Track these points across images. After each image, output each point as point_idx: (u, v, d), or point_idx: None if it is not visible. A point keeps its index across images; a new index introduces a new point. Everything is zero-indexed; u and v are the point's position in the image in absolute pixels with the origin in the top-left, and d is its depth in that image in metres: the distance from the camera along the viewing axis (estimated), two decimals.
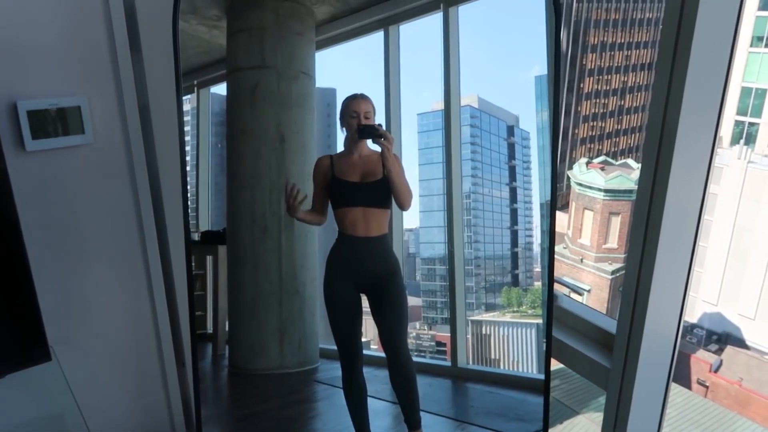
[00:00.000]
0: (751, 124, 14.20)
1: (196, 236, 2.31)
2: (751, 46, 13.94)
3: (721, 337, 12.63)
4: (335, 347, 1.81)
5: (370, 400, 1.82)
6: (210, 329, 2.27)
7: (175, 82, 1.55)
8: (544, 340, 2.04)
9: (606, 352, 1.85)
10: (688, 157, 1.46)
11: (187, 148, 2.38)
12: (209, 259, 2.26)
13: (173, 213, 1.74)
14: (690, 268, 1.57)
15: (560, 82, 1.54)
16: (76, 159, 1.74)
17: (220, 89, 2.23)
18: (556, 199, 1.57)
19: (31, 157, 1.67)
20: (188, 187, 2.36)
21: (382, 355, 1.75)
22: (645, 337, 1.55)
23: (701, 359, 11.76)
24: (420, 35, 2.18)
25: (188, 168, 2.38)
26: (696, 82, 1.40)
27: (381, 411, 1.91)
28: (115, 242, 1.79)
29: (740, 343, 12.34)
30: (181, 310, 1.81)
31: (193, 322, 1.61)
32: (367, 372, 1.83)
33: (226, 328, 2.19)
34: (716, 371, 11.62)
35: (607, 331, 1.91)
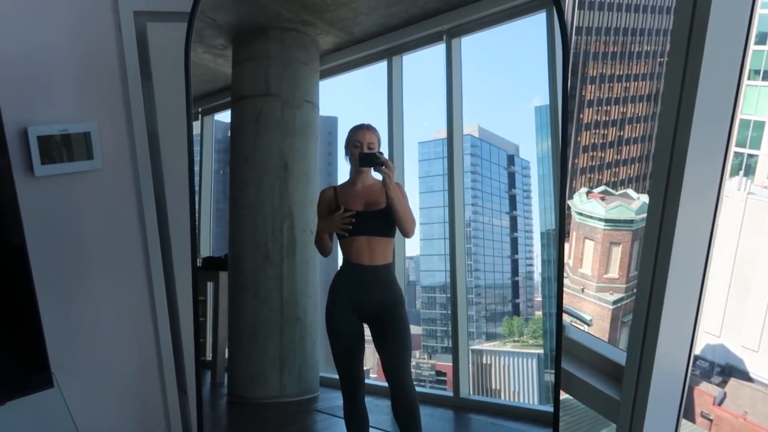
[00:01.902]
0: (750, 155, 14.31)
1: (198, 262, 2.31)
2: (748, 79, 14.14)
3: (725, 370, 12.48)
4: (336, 376, 1.80)
5: (371, 431, 1.80)
6: (209, 356, 2.25)
7: (186, 110, 1.57)
8: (547, 371, 2.01)
9: (614, 383, 1.83)
10: (697, 188, 1.47)
11: None
12: (210, 285, 2.26)
13: (179, 240, 1.75)
14: (700, 299, 1.56)
15: (567, 111, 1.56)
16: (85, 184, 1.75)
17: (223, 116, 2.26)
18: (564, 228, 1.57)
19: (39, 183, 1.68)
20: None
21: (384, 384, 1.73)
22: (655, 369, 1.54)
23: (705, 392, 11.61)
24: (423, 65, 2.21)
25: None
26: (704, 111, 1.41)
27: None
28: (120, 269, 1.79)
29: (744, 375, 12.20)
30: (185, 338, 1.80)
31: (197, 350, 1.60)
32: (368, 402, 1.81)
33: (226, 356, 2.16)
34: (720, 404, 11.46)
35: (615, 362, 1.90)
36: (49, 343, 1.45)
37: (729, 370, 12.38)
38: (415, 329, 2.27)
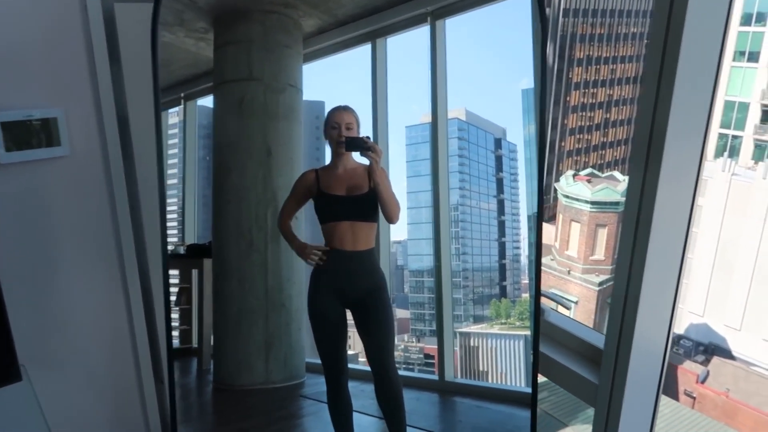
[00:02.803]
0: (734, 136, 14.43)
1: (181, 249, 2.29)
2: (733, 60, 14.21)
3: (708, 348, 12.71)
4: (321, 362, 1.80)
5: (355, 415, 1.81)
6: (195, 344, 2.24)
7: (153, 94, 1.53)
8: (532, 352, 2.02)
9: (593, 367, 1.84)
10: (676, 168, 1.47)
11: (174, 161, 2.36)
12: (195, 272, 2.24)
13: (152, 226, 1.71)
14: (678, 280, 1.57)
15: (547, 94, 1.55)
16: (53, 171, 1.70)
17: (207, 102, 2.22)
18: (543, 213, 1.57)
19: (5, 170, 1.64)
20: (175, 200, 2.35)
21: (368, 369, 1.73)
22: (633, 352, 1.55)
23: (688, 370, 11.82)
24: (408, 48, 2.19)
25: (175, 181, 2.35)
26: (683, 94, 1.41)
27: (367, 426, 1.89)
28: (92, 256, 1.75)
29: (726, 353, 12.43)
30: (160, 326, 1.78)
31: (169, 337, 1.58)
32: (353, 386, 1.81)
33: (212, 343, 2.16)
34: (703, 382, 11.68)
35: (595, 346, 1.91)
36: (19, 336, 1.41)
37: (712, 349, 12.61)
38: (403, 313, 2.28)
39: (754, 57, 14.37)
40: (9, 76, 1.64)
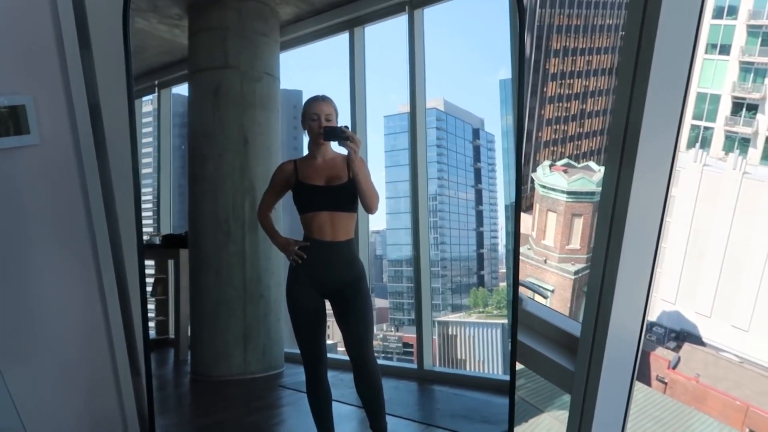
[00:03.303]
0: (706, 128, 14.71)
1: (157, 240, 2.26)
2: (705, 53, 14.45)
3: (679, 335, 13.01)
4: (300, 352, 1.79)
5: (335, 405, 1.81)
6: (172, 334, 2.22)
7: (126, 80, 1.50)
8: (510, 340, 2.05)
9: (569, 354, 1.87)
10: (651, 159, 1.49)
11: (149, 149, 2.32)
12: (171, 263, 2.21)
13: (126, 216, 1.68)
14: (653, 269, 1.60)
15: (524, 85, 1.56)
16: (22, 161, 1.65)
17: (182, 90, 2.19)
18: (521, 202, 1.58)
19: None
20: (149, 190, 2.31)
21: (347, 358, 1.73)
22: (609, 339, 1.58)
23: (660, 356, 12.10)
24: (385, 37, 2.18)
25: (150, 170, 2.32)
26: (658, 86, 1.43)
27: (346, 415, 1.89)
28: (64, 247, 1.71)
29: (697, 340, 12.74)
30: (136, 317, 1.75)
31: (146, 328, 1.56)
32: (332, 376, 1.81)
33: (189, 334, 2.14)
34: (674, 368, 11.97)
35: (571, 334, 1.94)
36: None
37: (683, 336, 12.92)
38: (382, 302, 2.28)
39: (725, 50, 14.64)
40: None
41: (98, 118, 1.70)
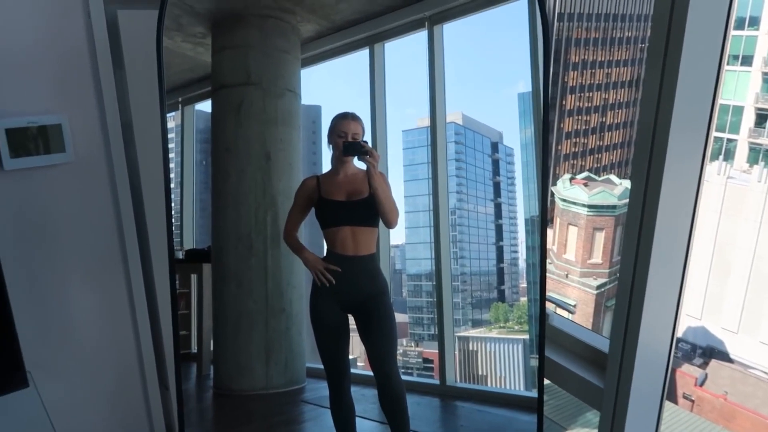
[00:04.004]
0: (729, 140, 14.50)
1: (180, 254, 2.28)
2: (727, 64, 14.29)
3: (706, 351, 12.73)
4: (322, 366, 1.79)
5: (358, 420, 1.80)
6: (194, 349, 2.23)
7: (159, 100, 1.53)
8: (532, 356, 2.02)
9: (597, 370, 1.85)
10: (679, 172, 1.47)
11: (171, 165, 2.36)
12: (194, 277, 2.23)
13: (157, 232, 1.72)
14: (682, 284, 1.57)
15: (548, 97, 1.55)
16: (57, 178, 1.71)
17: (205, 106, 2.22)
18: (546, 216, 1.57)
19: (9, 176, 1.64)
20: (173, 205, 2.34)
21: (370, 373, 1.73)
22: (638, 355, 1.55)
23: (686, 373, 11.84)
24: (405, 53, 2.19)
25: (173, 185, 2.35)
26: (685, 98, 1.41)
27: (369, 431, 1.88)
28: (96, 263, 1.75)
29: (724, 356, 12.45)
30: (165, 332, 1.78)
31: (177, 344, 1.57)
32: (355, 391, 1.80)
33: (211, 348, 2.15)
34: (701, 385, 11.69)
35: (598, 349, 1.91)
36: (24, 342, 1.42)
37: (710, 352, 12.63)
38: (401, 317, 2.27)
39: (747, 61, 14.47)
40: (13, 84, 1.64)
41: (130, 136, 1.75)
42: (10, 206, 1.63)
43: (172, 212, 2.33)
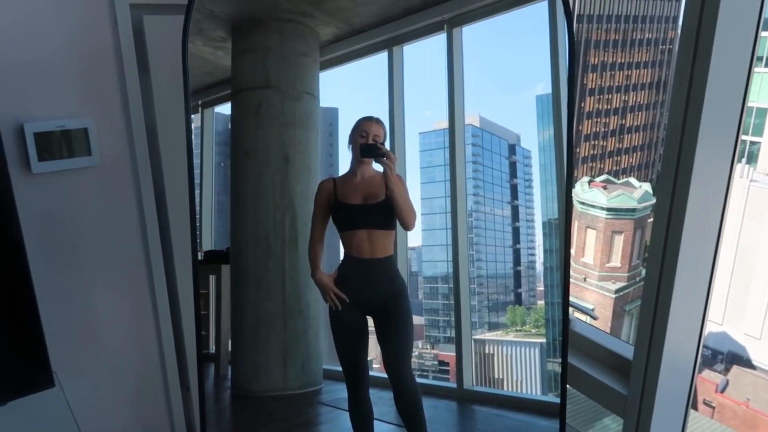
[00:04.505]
0: (752, 142, 14.26)
1: (199, 255, 2.30)
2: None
3: (727, 357, 12.52)
4: (339, 368, 1.79)
5: (375, 423, 1.80)
6: (213, 350, 2.25)
7: (184, 104, 1.55)
8: (549, 360, 2.00)
9: (620, 377, 1.82)
10: (707, 177, 1.45)
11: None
12: (212, 279, 2.25)
13: (180, 234, 1.74)
14: (709, 289, 1.55)
15: (575, 101, 1.54)
16: (83, 181, 1.74)
17: (224, 108, 2.24)
18: (571, 218, 1.55)
19: (37, 179, 1.67)
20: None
21: (386, 376, 1.73)
22: (663, 363, 1.53)
23: (707, 379, 11.65)
24: (424, 55, 2.19)
25: None
26: (714, 99, 1.39)
27: None
28: (120, 265, 1.78)
29: (746, 362, 12.23)
30: (186, 333, 1.80)
31: (199, 346, 1.59)
32: (373, 393, 1.81)
33: (229, 349, 2.17)
34: (722, 392, 11.50)
35: (621, 355, 1.89)
36: (50, 342, 1.44)
37: (731, 358, 12.42)
38: (417, 319, 2.27)
39: None
40: (41, 88, 1.68)
41: (154, 140, 1.77)
42: (38, 209, 1.66)
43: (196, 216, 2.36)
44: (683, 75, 1.43)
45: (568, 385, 1.95)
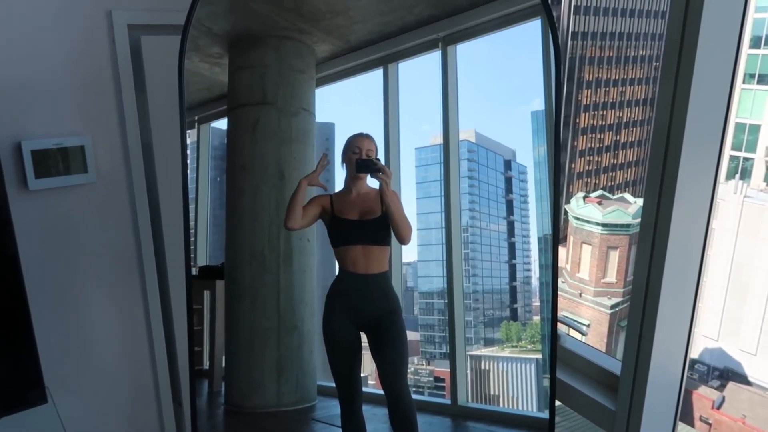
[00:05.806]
0: (745, 158, 14.37)
1: (193, 270, 2.30)
2: (743, 82, 14.22)
3: (723, 373, 12.49)
4: (333, 384, 1.79)
5: None
6: (206, 365, 2.24)
7: (179, 122, 1.57)
8: (545, 376, 2.00)
9: (609, 392, 1.82)
10: (691, 191, 1.46)
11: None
12: (207, 294, 2.25)
13: (174, 250, 1.74)
14: (695, 305, 1.56)
15: (560, 117, 1.56)
16: (79, 198, 1.75)
17: (220, 124, 2.25)
18: (559, 234, 1.56)
19: (33, 196, 1.68)
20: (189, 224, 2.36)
21: (381, 392, 1.72)
22: (650, 378, 1.53)
23: (703, 396, 11.61)
24: (419, 71, 2.21)
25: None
26: (697, 116, 1.41)
27: None
28: (115, 281, 1.78)
29: (742, 379, 12.21)
30: (179, 349, 1.80)
31: (192, 362, 1.59)
32: (366, 410, 1.80)
33: (223, 365, 2.15)
34: (719, 408, 11.45)
35: (610, 371, 1.89)
36: (43, 358, 1.44)
37: (727, 374, 12.39)
38: (413, 335, 2.26)
39: (763, 79, 14.39)
40: (39, 106, 1.69)
41: (150, 157, 1.79)
42: (34, 225, 1.66)
43: (190, 232, 2.36)
44: (667, 90, 1.46)
45: (561, 402, 1.95)
